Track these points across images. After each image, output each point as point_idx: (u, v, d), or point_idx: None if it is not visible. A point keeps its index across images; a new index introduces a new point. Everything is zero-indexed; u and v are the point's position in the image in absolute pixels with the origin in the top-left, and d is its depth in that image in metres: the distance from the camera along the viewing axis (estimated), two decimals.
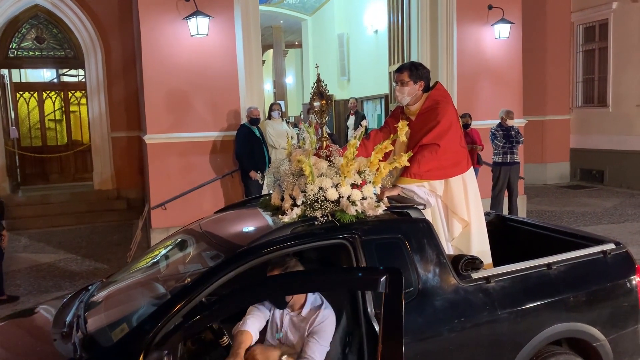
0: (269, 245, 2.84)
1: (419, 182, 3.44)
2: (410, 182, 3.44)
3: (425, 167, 3.42)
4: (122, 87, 10.65)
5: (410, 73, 3.65)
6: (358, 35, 12.98)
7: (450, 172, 3.52)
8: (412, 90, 3.67)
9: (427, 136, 3.48)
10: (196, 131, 7.38)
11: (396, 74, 3.75)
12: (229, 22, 7.38)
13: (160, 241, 3.86)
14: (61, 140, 12.11)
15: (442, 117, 3.52)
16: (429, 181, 3.47)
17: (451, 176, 3.54)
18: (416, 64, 3.76)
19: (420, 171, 3.41)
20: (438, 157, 3.44)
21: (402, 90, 3.69)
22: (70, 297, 3.43)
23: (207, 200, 7.42)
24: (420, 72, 3.67)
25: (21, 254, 6.79)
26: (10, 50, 10.66)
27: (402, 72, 3.68)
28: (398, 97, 3.74)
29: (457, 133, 3.59)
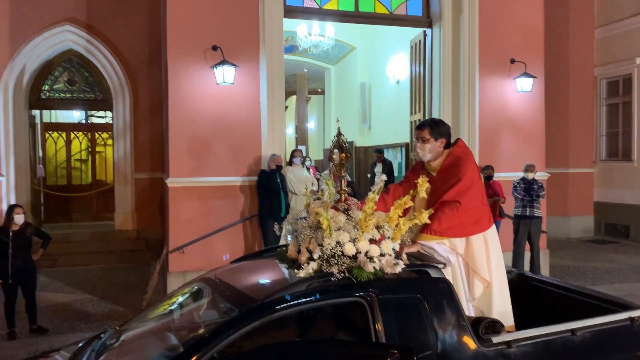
0: (283, 301, 2.80)
1: (439, 239, 3.39)
2: (430, 239, 3.38)
3: (446, 224, 3.37)
4: (147, 129, 10.88)
5: (431, 130, 3.65)
6: (380, 84, 13.15)
7: (471, 230, 3.46)
8: (434, 147, 3.66)
9: (449, 193, 3.44)
10: (217, 175, 7.44)
11: (417, 131, 3.76)
12: (254, 71, 7.55)
13: (176, 289, 3.83)
14: (85, 179, 12.34)
15: (464, 174, 3.48)
16: (449, 239, 3.41)
17: (472, 234, 3.48)
18: (437, 121, 3.77)
19: (441, 228, 3.36)
20: (459, 215, 3.39)
21: (423, 147, 3.68)
22: (83, 345, 3.40)
23: (225, 244, 7.40)
24: (441, 129, 3.67)
25: (39, 292, 6.80)
26: (42, 92, 11.03)
27: (423, 130, 3.68)
28: (419, 153, 3.73)
29: (478, 190, 3.55)
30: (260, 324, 2.73)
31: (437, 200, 3.46)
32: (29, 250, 6.33)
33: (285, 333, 3.31)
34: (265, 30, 7.60)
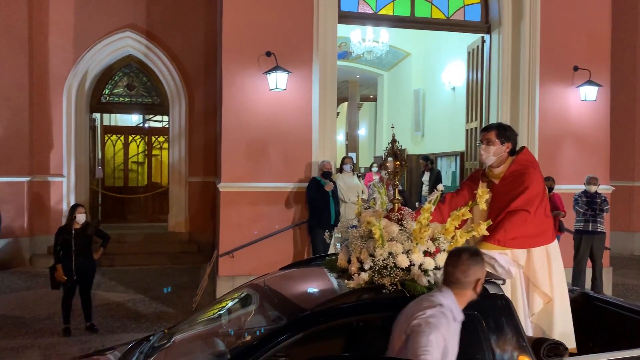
0: (332, 313, 2.71)
1: (502, 249, 3.22)
2: (492, 249, 3.21)
3: (511, 234, 3.21)
4: (201, 134, 11.08)
5: (497, 132, 3.50)
6: (434, 91, 12.90)
7: (535, 241, 3.29)
8: (498, 150, 3.50)
9: (516, 201, 3.27)
10: (268, 181, 7.45)
11: (483, 133, 3.60)
12: (307, 77, 7.53)
13: (225, 294, 3.81)
14: (141, 181, 12.69)
15: (531, 182, 3.32)
16: (512, 250, 3.24)
17: (535, 246, 3.31)
18: (504, 125, 3.63)
19: (505, 238, 3.20)
20: (526, 225, 3.23)
21: (487, 149, 3.52)
22: (132, 346, 3.42)
23: (274, 250, 7.38)
24: (508, 133, 3.52)
25: (94, 290, 7.00)
26: (103, 96, 11.43)
27: (490, 131, 3.54)
28: (482, 156, 3.58)
29: (544, 201, 3.38)
30: (308, 334, 2.65)
31: (499, 210, 3.30)
32: (90, 249, 6.51)
33: (332, 345, 3.21)
34: (319, 36, 7.57)
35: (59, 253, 6.33)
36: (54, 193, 10.48)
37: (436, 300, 2.46)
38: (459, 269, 2.50)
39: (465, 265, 2.49)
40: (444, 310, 2.41)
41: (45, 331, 6.50)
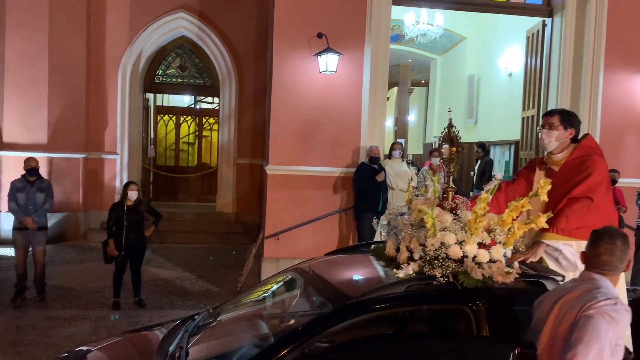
0: (380, 302, 2.62)
1: (566, 239, 3.03)
2: (556, 239, 3.04)
3: (575, 223, 3.02)
4: (250, 116, 11.12)
5: (561, 117, 3.34)
6: (490, 77, 12.45)
7: None
8: (561, 136, 3.33)
9: (578, 188, 3.09)
10: (315, 165, 7.39)
11: (545, 117, 3.45)
12: (358, 60, 7.38)
13: (270, 277, 3.78)
14: (192, 162, 12.90)
15: (594, 169, 3.13)
16: (577, 241, 3.05)
17: None
18: (568, 111, 3.47)
19: (569, 227, 3.02)
20: (590, 213, 3.03)
21: (549, 134, 3.35)
22: (177, 324, 3.44)
23: (319, 235, 7.34)
24: (572, 119, 3.35)
25: (144, 266, 7.18)
26: (156, 76, 11.63)
27: (553, 116, 3.38)
28: (544, 141, 3.40)
29: (609, 190, 3.17)
30: (354, 322, 2.57)
31: (560, 198, 3.12)
32: (142, 226, 6.64)
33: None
34: (372, 18, 7.39)
35: (111, 228, 6.49)
36: (108, 170, 10.80)
37: (611, 292, 2.27)
38: (616, 257, 2.32)
39: (621, 252, 2.32)
40: (619, 302, 2.23)
41: (96, 304, 6.71)
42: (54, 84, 9.79)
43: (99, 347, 3.52)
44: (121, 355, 3.38)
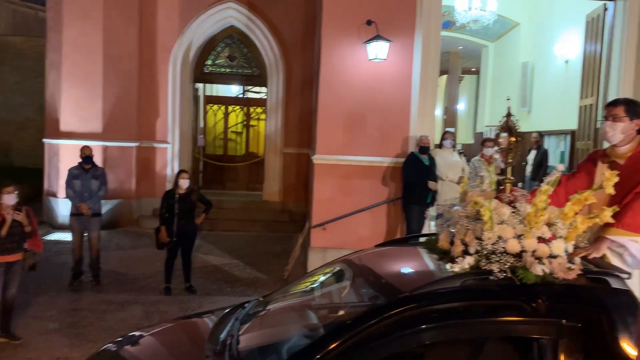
0: (433, 296, 2.54)
1: (631, 235, 2.87)
2: (621, 234, 2.88)
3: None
4: (298, 106, 11.13)
5: (626, 108, 3.15)
6: (545, 64, 11.97)
7: None
8: (627, 127, 3.14)
9: None
10: (363, 155, 7.31)
11: (608, 108, 3.26)
12: (408, 47, 7.23)
13: (319, 267, 3.76)
14: (239, 151, 13.05)
15: None
16: None
17: None
18: (634, 101, 3.26)
19: (636, 222, 2.86)
20: None
21: (614, 126, 3.17)
22: (227, 312, 3.46)
23: (366, 225, 7.28)
24: (638, 109, 3.14)
25: (194, 253, 7.32)
26: (205, 66, 11.78)
27: (617, 106, 3.20)
28: (608, 134, 3.23)
29: None
30: (406, 316, 2.50)
31: (625, 192, 2.95)
32: (192, 213, 6.77)
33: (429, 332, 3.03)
34: (423, 5, 7.21)
35: (163, 216, 6.63)
36: (159, 158, 11.06)
37: None
38: None
39: None
40: None
41: (148, 289, 6.90)
42: (108, 74, 10.06)
43: (152, 332, 3.59)
44: (173, 341, 3.43)
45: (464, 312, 2.51)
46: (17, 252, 5.12)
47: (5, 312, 5.20)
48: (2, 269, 5.04)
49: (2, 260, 5.02)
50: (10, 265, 5.09)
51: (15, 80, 15.14)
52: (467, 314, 2.50)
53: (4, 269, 5.05)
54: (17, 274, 5.17)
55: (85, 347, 5.08)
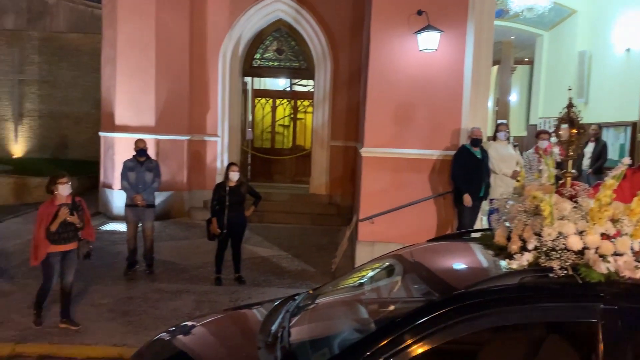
0: (490, 293, 2.46)
1: None
2: None
3: None
4: (345, 98, 11.08)
5: None
6: (604, 53, 11.44)
7: None
8: None
9: None
10: (413, 148, 7.19)
11: None
12: (459, 37, 7.05)
13: (370, 261, 3.73)
14: (287, 144, 13.13)
15: None
16: None
17: None
18: None
19: None
20: None
21: None
22: (278, 304, 3.48)
23: (415, 219, 7.17)
24: None
25: (243, 244, 7.41)
26: (254, 60, 11.88)
27: None
28: None
29: None
30: (461, 314, 2.43)
31: None
32: (242, 205, 6.86)
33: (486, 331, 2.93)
34: None
35: (214, 207, 6.75)
36: (210, 152, 11.26)
37: None
38: None
39: None
40: None
41: (200, 279, 7.04)
42: (161, 69, 10.30)
43: (203, 322, 3.66)
44: (224, 332, 3.48)
45: (524, 311, 2.41)
46: (72, 241, 5.34)
47: (64, 298, 5.45)
48: (59, 257, 5.28)
49: (59, 249, 5.26)
50: (66, 253, 5.33)
51: (72, 76, 15.74)
52: (527, 313, 2.41)
53: (60, 258, 5.29)
54: (73, 262, 5.41)
55: (140, 334, 5.23)
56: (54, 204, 5.22)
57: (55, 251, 5.23)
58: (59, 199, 5.25)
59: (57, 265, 5.29)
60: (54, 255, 5.23)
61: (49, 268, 5.25)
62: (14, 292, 6.25)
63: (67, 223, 5.22)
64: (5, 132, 15.87)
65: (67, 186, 5.25)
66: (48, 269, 5.26)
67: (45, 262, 5.21)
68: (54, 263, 5.25)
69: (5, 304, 5.92)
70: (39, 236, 5.16)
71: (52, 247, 5.20)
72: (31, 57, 15.67)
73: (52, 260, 5.23)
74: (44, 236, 5.15)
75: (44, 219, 5.17)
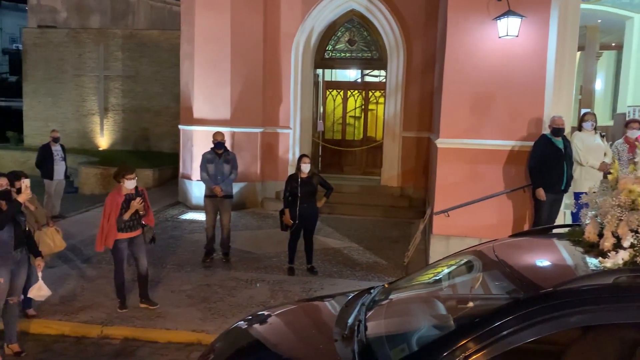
0: (581, 294, 2.31)
1: None
2: None
3: None
4: (418, 88, 10.86)
5: None
6: None
7: None
8: None
9: None
10: (491, 138, 6.92)
11: None
12: (542, 23, 6.68)
13: (448, 256, 3.63)
14: (357, 135, 13.06)
15: None
16: None
17: None
18: None
19: None
20: None
21: None
22: (353, 297, 3.46)
23: (493, 213, 6.92)
24: None
25: (315, 235, 7.45)
26: (326, 52, 11.89)
27: None
28: None
29: None
30: (548, 314, 2.30)
31: None
32: (314, 197, 6.92)
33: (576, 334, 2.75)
34: None
35: (287, 199, 6.84)
36: (282, 143, 11.42)
37: None
38: None
39: None
40: None
41: (273, 268, 7.17)
42: (236, 63, 10.54)
43: (278, 312, 3.71)
44: (297, 323, 3.51)
45: (618, 311, 2.25)
46: (137, 228, 5.76)
47: (141, 281, 5.86)
48: (126, 243, 5.68)
49: (126, 236, 5.66)
50: (132, 240, 5.73)
51: (152, 71, 16.46)
52: (623, 314, 2.24)
53: (127, 244, 5.69)
54: (142, 247, 5.83)
55: (217, 321, 5.41)
56: (120, 194, 5.62)
57: (123, 238, 5.63)
58: (125, 190, 5.62)
59: (125, 251, 5.70)
60: (122, 242, 5.65)
61: (119, 253, 5.67)
62: (99, 278, 6.64)
63: (134, 212, 5.60)
64: (92, 126, 16.86)
65: (133, 181, 5.62)
66: (118, 254, 5.69)
67: (115, 248, 5.64)
68: (123, 249, 5.67)
69: (93, 288, 6.31)
70: (110, 224, 5.54)
71: (119, 234, 5.60)
72: (115, 53, 16.53)
73: (120, 246, 5.65)
74: (113, 224, 5.53)
75: (113, 209, 5.56)
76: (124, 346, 5.08)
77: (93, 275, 6.74)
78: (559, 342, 2.43)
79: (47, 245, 5.58)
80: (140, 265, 5.79)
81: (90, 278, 6.62)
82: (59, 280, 6.37)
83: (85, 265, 7.09)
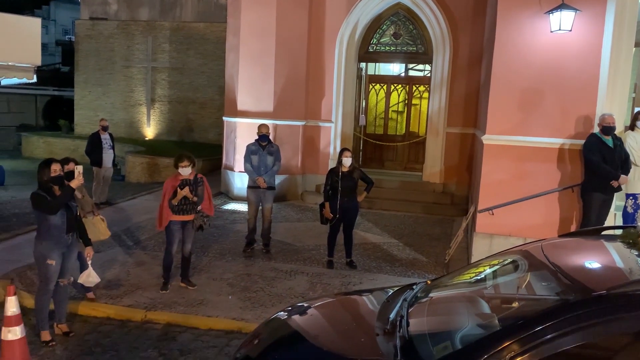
0: (636, 298, 2.22)
1: None
2: None
3: None
4: (463, 83, 10.66)
5: None
6: None
7: None
8: None
9: None
10: (539, 136, 6.72)
11: None
12: (598, 17, 6.43)
13: (491, 255, 3.55)
14: (400, 130, 12.93)
15: None
16: None
17: None
18: None
19: None
20: None
21: None
22: (395, 292, 3.44)
23: (538, 212, 6.73)
24: None
25: (354, 230, 7.44)
26: (370, 45, 11.80)
27: None
28: None
29: None
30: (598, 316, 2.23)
31: None
32: (355, 191, 6.90)
33: None
34: None
35: (328, 192, 6.84)
36: (323, 137, 11.43)
37: None
38: None
39: None
40: None
41: (313, 260, 7.20)
42: (280, 56, 10.59)
43: (317, 305, 3.71)
44: (337, 316, 3.51)
45: None
46: (190, 213, 5.93)
47: (184, 263, 6.10)
48: (178, 225, 5.89)
49: (178, 219, 5.88)
50: (185, 224, 5.95)
51: (198, 63, 16.75)
52: None
53: (179, 226, 5.90)
54: (190, 232, 6.03)
55: (256, 310, 5.47)
56: (177, 179, 5.86)
57: (175, 220, 5.86)
58: (182, 175, 5.83)
59: (177, 233, 5.91)
60: (174, 224, 5.88)
61: (171, 234, 5.91)
62: (146, 262, 6.83)
63: (186, 197, 5.79)
64: (139, 116, 17.31)
65: (187, 168, 5.81)
66: (170, 235, 5.92)
67: (167, 228, 5.90)
68: (175, 230, 5.89)
69: (139, 272, 6.49)
70: (164, 205, 5.85)
71: (173, 216, 5.85)
72: (162, 45, 16.90)
73: (172, 227, 5.89)
74: (167, 206, 5.82)
75: (167, 191, 5.84)
76: (166, 331, 5.20)
77: (138, 260, 6.93)
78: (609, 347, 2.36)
79: (93, 233, 5.74)
80: (184, 248, 6.03)
81: (135, 264, 6.81)
82: (105, 265, 6.58)
83: (131, 251, 7.30)
